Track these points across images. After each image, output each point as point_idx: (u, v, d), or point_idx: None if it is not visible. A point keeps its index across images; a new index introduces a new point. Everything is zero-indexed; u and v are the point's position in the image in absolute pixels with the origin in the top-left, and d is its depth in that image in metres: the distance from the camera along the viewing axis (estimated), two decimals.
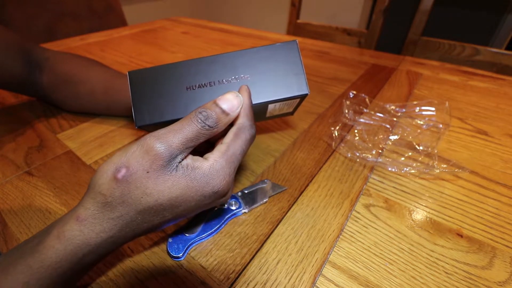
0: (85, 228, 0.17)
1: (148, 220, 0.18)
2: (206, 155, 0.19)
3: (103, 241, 0.17)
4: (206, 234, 0.25)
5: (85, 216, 0.17)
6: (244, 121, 0.20)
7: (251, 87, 0.23)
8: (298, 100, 0.26)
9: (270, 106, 0.26)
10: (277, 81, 0.24)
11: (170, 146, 0.17)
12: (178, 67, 0.23)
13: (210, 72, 0.23)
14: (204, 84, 0.23)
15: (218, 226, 0.26)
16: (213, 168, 0.18)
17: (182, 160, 0.18)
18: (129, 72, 0.23)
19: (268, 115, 0.30)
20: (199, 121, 0.18)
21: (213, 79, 0.23)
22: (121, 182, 0.16)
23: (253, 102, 0.23)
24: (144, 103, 0.22)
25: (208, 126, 0.18)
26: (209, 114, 0.18)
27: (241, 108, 0.20)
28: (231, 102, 0.19)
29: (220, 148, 0.19)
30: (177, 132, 0.17)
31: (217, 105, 0.19)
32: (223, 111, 0.19)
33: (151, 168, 0.17)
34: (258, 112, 0.28)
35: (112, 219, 0.17)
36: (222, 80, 0.23)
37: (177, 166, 0.17)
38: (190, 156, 0.19)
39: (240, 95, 0.20)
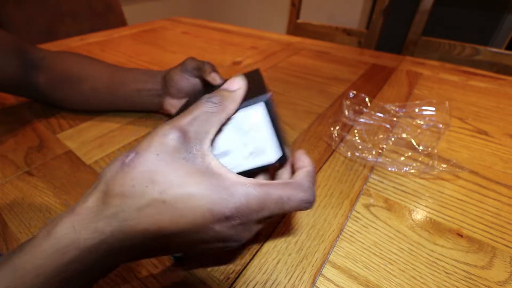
0: (77, 224, 0.14)
1: (145, 221, 0.15)
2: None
3: (95, 244, 0.14)
4: None
5: (81, 210, 0.14)
6: (307, 186, 0.18)
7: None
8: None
9: None
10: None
11: (178, 125, 0.16)
12: None
13: None
14: None
15: None
16: (245, 192, 0.16)
17: (205, 155, 0.16)
18: None
19: None
20: (205, 100, 0.18)
21: None
22: (127, 166, 0.15)
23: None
24: None
25: (212, 102, 0.18)
26: (213, 94, 0.18)
27: (243, 91, 0.19)
28: (233, 79, 0.19)
29: (265, 180, 0.18)
30: (185, 114, 0.17)
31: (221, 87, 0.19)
32: (226, 89, 0.19)
33: (162, 151, 0.15)
34: None
35: (107, 217, 0.14)
36: None
37: (194, 153, 0.16)
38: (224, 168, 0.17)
39: (244, 77, 0.20)
